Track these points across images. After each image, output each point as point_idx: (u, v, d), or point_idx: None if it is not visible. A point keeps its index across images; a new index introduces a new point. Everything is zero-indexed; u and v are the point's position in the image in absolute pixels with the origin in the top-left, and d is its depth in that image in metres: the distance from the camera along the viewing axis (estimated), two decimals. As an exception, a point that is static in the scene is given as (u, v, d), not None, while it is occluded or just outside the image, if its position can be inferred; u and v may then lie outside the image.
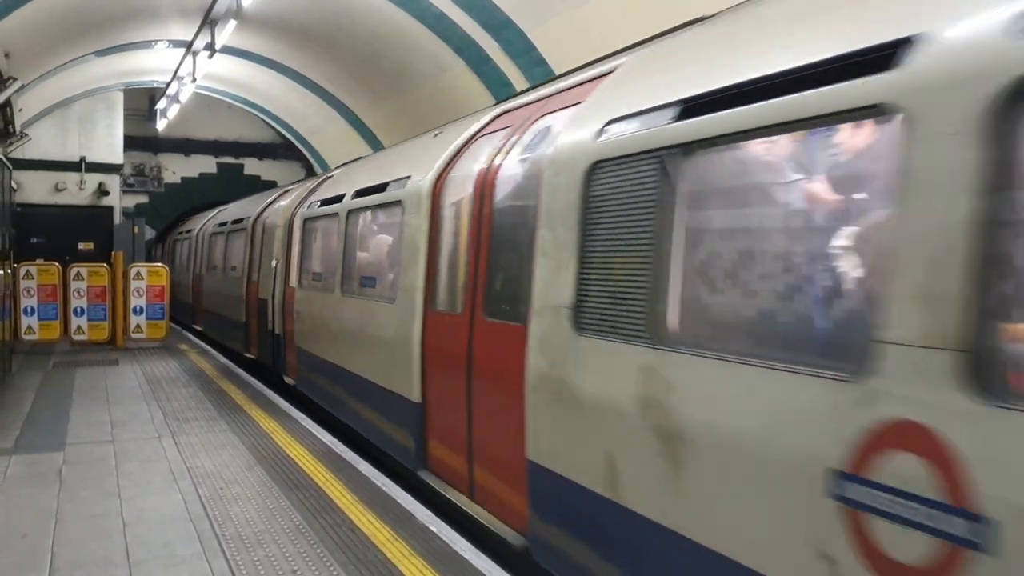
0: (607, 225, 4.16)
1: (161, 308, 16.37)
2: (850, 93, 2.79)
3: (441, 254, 6.65)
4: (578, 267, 4.33)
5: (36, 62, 15.75)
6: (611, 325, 4.04)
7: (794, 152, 3.32)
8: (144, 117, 27.50)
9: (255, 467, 7.44)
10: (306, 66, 18.90)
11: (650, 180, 3.84)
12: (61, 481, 7.03)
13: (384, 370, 7.46)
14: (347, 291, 8.94)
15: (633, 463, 3.82)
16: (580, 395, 4.24)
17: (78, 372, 13.13)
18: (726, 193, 3.79)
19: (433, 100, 15.73)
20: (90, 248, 21.69)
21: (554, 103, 5.58)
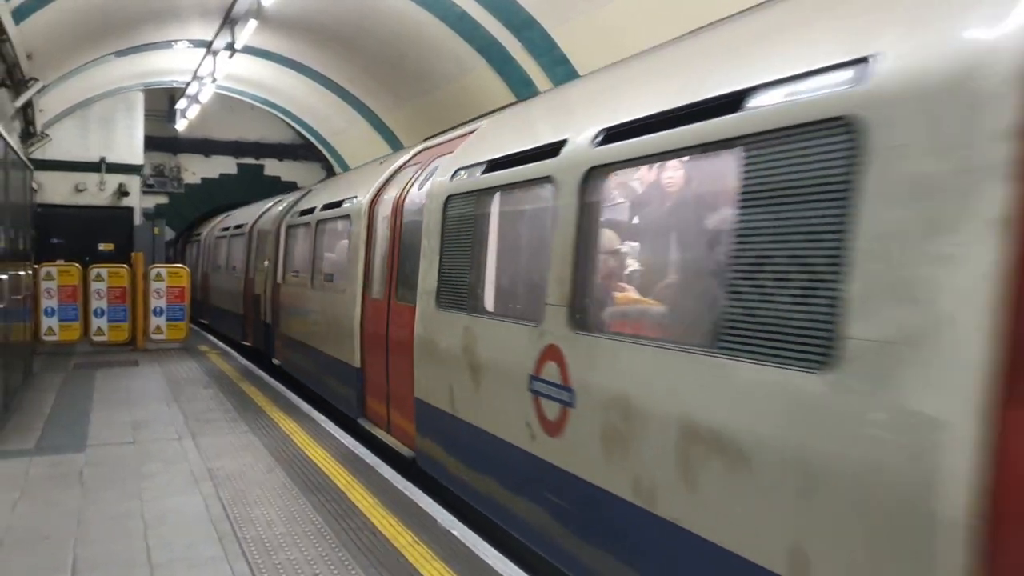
0: (453, 238, 6.72)
1: (181, 309, 16.49)
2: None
3: (374, 255, 9.20)
4: (439, 265, 6.87)
5: (57, 63, 15.92)
6: (453, 301, 6.56)
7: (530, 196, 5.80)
8: (164, 118, 27.70)
9: (276, 469, 7.49)
10: (328, 67, 19.00)
11: (470, 210, 6.46)
12: (83, 482, 7.11)
13: (337, 345, 10.06)
14: (315, 285, 11.55)
15: (459, 388, 6.26)
16: (438, 348, 6.73)
17: (98, 373, 13.27)
18: (503, 220, 6.21)
19: (456, 101, 15.77)
20: (110, 249, 21.83)
21: (445, 148, 7.94)
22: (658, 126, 4.14)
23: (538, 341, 5.00)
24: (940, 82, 2.72)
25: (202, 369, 13.90)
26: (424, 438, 7.15)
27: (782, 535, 3.14)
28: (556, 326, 4.82)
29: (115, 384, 12.23)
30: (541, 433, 5.01)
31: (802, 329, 3.14)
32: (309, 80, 20.54)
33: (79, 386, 12.02)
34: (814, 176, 3.15)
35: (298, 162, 30.00)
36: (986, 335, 2.48)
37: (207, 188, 29.58)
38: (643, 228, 5.09)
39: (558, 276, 4.85)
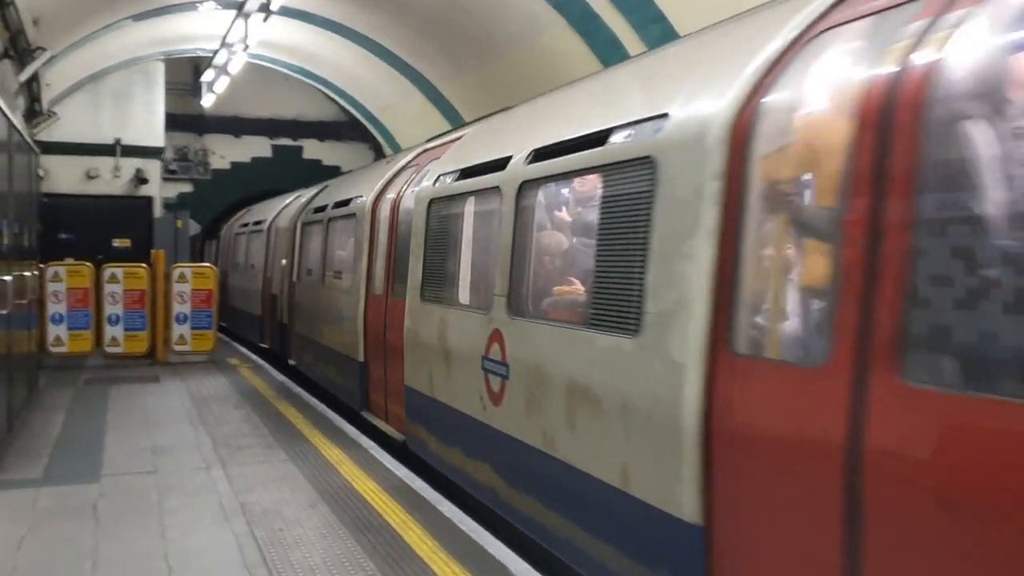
0: (433, 237, 8.76)
1: (208, 316, 16.76)
2: None
3: (376, 253, 11.18)
4: (423, 262, 8.87)
5: (67, 29, 16.29)
6: (432, 295, 8.59)
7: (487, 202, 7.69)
8: (188, 92, 28.19)
9: (319, 504, 7.57)
10: (377, 30, 19.15)
11: (447, 212, 8.60)
12: (97, 517, 7.26)
13: (343, 340, 12.08)
14: (326, 283, 13.65)
15: (436, 372, 8.22)
16: (421, 338, 8.68)
17: (113, 390, 13.59)
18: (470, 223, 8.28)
19: (527, 67, 15.77)
20: (126, 246, 22.18)
21: (439, 152, 10.07)
22: (561, 151, 6.28)
23: (487, 327, 7.03)
24: (689, 138, 4.72)
25: (232, 386, 14.13)
26: (412, 422, 9.22)
27: (617, 457, 5.12)
28: (499, 313, 6.86)
29: (132, 403, 12.51)
30: (489, 404, 7.00)
31: (627, 307, 5.08)
32: (355, 46, 20.72)
33: (91, 405, 12.32)
34: (637, 199, 5.10)
35: (342, 143, 30.32)
36: (706, 308, 4.39)
37: (237, 174, 30.02)
38: (552, 232, 7.24)
39: (501, 271, 6.91)
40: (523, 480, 6.49)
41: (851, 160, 3.76)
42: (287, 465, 8.96)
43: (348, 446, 9.82)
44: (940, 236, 3.39)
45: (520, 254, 6.78)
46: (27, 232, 11.82)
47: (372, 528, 6.94)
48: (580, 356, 5.60)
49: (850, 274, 3.72)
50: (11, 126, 10.08)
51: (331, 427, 10.90)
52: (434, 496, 7.86)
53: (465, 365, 7.44)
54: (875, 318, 3.56)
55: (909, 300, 3.44)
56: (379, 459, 9.21)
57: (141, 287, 16.28)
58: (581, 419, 5.52)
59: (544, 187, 6.92)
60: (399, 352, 9.43)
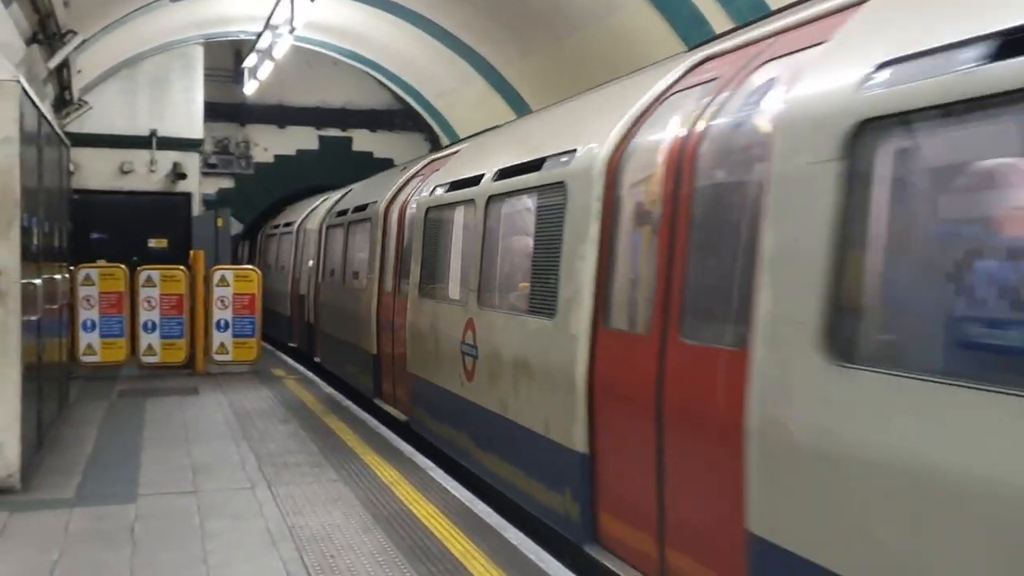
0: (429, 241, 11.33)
1: (251, 323, 16.94)
2: None
3: (387, 255, 13.79)
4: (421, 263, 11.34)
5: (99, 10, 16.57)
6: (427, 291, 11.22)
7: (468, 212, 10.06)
8: (229, 79, 28.48)
9: (373, 529, 7.60)
10: (434, 9, 19.25)
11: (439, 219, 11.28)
12: (134, 541, 7.36)
13: (359, 335, 14.90)
14: (346, 283, 16.52)
15: (430, 358, 10.66)
16: (420, 329, 11.11)
17: (149, 403, 13.79)
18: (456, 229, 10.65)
19: (599, 48, 15.76)
20: (163, 246, 22.49)
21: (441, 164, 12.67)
22: (515, 172, 8.74)
23: (464, 316, 9.53)
24: (584, 169, 7.00)
25: (277, 398, 14.27)
26: (414, 404, 11.78)
27: (543, 411, 7.45)
28: (472, 305, 9.34)
29: (170, 417, 12.69)
30: (465, 381, 9.48)
31: (549, 296, 7.41)
32: (409, 26, 20.84)
33: (126, 419, 12.52)
34: (556, 213, 7.40)
35: (395, 133, 30.42)
36: (590, 295, 6.66)
37: (281, 168, 30.23)
38: (507, 238, 9.38)
39: (474, 270, 9.37)
40: (487, 440, 9.03)
41: (662, 190, 6.11)
42: (338, 485, 9.02)
43: (403, 465, 9.87)
44: (702, 240, 5.76)
45: (488, 255, 9.30)
46: (57, 231, 12.03)
47: (432, 556, 6.95)
48: (521, 336, 8.13)
49: (660, 268, 6.01)
50: (40, 116, 10.27)
51: (384, 444, 10.96)
52: (498, 521, 7.86)
53: (450, 349, 9.95)
54: (670, 299, 5.86)
55: (682, 284, 5.79)
56: (437, 480, 9.24)
57: (179, 291, 16.50)
58: (522, 386, 7.99)
59: (504, 201, 9.19)
60: (404, 343, 12.00)
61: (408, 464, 9.94)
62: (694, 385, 5.51)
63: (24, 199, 8.85)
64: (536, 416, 7.57)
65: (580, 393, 6.69)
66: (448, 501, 8.45)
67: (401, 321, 12.17)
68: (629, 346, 6.38)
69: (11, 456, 8.74)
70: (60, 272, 12.15)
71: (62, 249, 12.68)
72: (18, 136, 8.70)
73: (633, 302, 6.61)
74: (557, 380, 7.10)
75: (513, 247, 9.14)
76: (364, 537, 7.41)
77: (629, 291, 6.66)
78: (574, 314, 6.86)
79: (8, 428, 8.69)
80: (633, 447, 6.17)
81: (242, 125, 29.83)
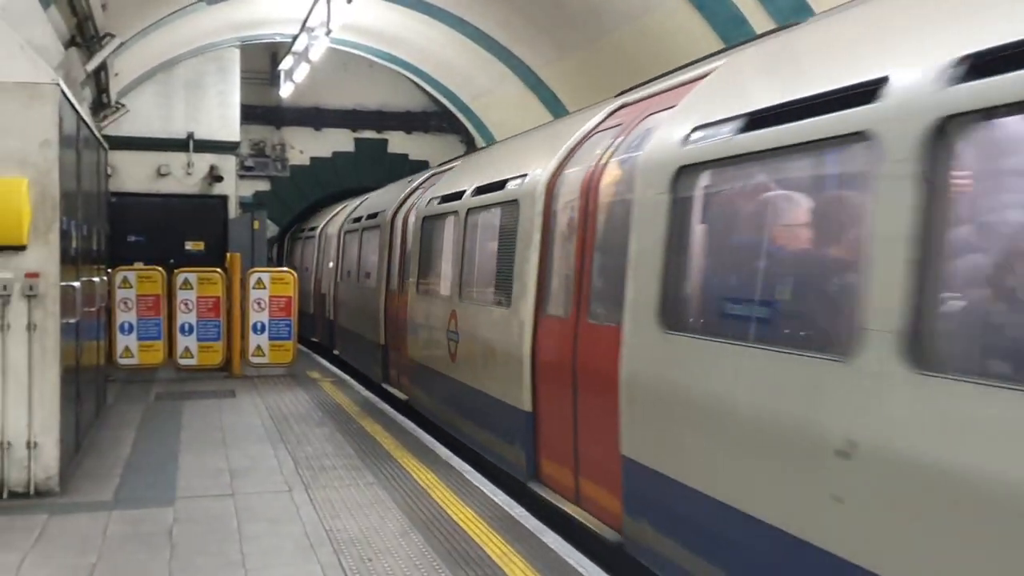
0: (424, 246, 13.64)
1: (287, 325, 17.03)
2: None
3: (394, 257, 15.87)
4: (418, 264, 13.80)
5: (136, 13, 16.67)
6: (423, 288, 13.53)
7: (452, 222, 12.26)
8: (265, 81, 28.65)
9: (411, 533, 7.60)
10: (470, 10, 19.24)
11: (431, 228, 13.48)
12: (172, 545, 7.40)
13: (369, 328, 17.07)
14: (360, 282, 18.90)
15: (425, 344, 12.98)
16: (417, 321, 13.53)
17: (186, 406, 13.89)
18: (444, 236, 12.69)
19: (635, 47, 15.69)
20: (199, 249, 22.61)
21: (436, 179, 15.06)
22: (487, 190, 10.84)
23: (449, 308, 11.65)
24: (531, 190, 9.28)
25: (313, 401, 14.31)
26: (412, 386, 13.97)
27: (502, 381, 9.50)
28: (455, 299, 11.46)
29: (207, 419, 12.78)
30: (450, 362, 11.51)
31: (505, 292, 9.61)
32: (445, 28, 20.85)
33: (163, 422, 12.61)
34: (513, 224, 9.56)
35: (430, 135, 30.47)
36: (534, 289, 8.88)
37: (317, 170, 30.34)
38: (481, 243, 11.21)
39: (455, 270, 11.50)
40: (467, 410, 11.10)
41: (578, 208, 8.28)
42: (375, 489, 9.04)
43: (440, 468, 9.88)
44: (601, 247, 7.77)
45: (468, 257, 11.38)
46: (96, 234, 12.11)
47: (470, 560, 6.94)
48: (487, 323, 10.32)
49: (575, 268, 8.18)
50: (79, 119, 10.34)
51: (421, 447, 10.97)
52: (536, 525, 7.85)
53: (439, 336, 12.03)
54: (581, 291, 7.99)
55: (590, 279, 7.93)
56: (475, 483, 9.24)
57: (216, 294, 16.61)
58: (488, 362, 10.13)
59: (479, 213, 11.24)
60: (406, 334, 14.17)
61: (444, 467, 9.95)
62: (593, 354, 7.63)
63: (63, 202, 8.93)
64: (497, 386, 9.75)
65: (526, 365, 8.90)
66: (485, 504, 8.45)
67: (403, 315, 14.40)
68: (558, 327, 8.45)
69: (50, 459, 8.80)
70: (98, 275, 12.23)
71: (100, 252, 12.77)
72: (57, 139, 8.77)
73: (561, 294, 8.63)
74: (511, 356, 9.26)
75: (484, 250, 11.04)
76: (402, 541, 7.41)
77: (559, 285, 8.71)
78: (523, 304, 9.06)
79: (47, 431, 8.77)
80: (560, 404, 8.27)
81: (278, 127, 29.96)
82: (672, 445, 6.18)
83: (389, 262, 15.99)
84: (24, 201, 8.52)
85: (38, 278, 8.68)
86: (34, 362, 8.71)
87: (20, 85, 8.67)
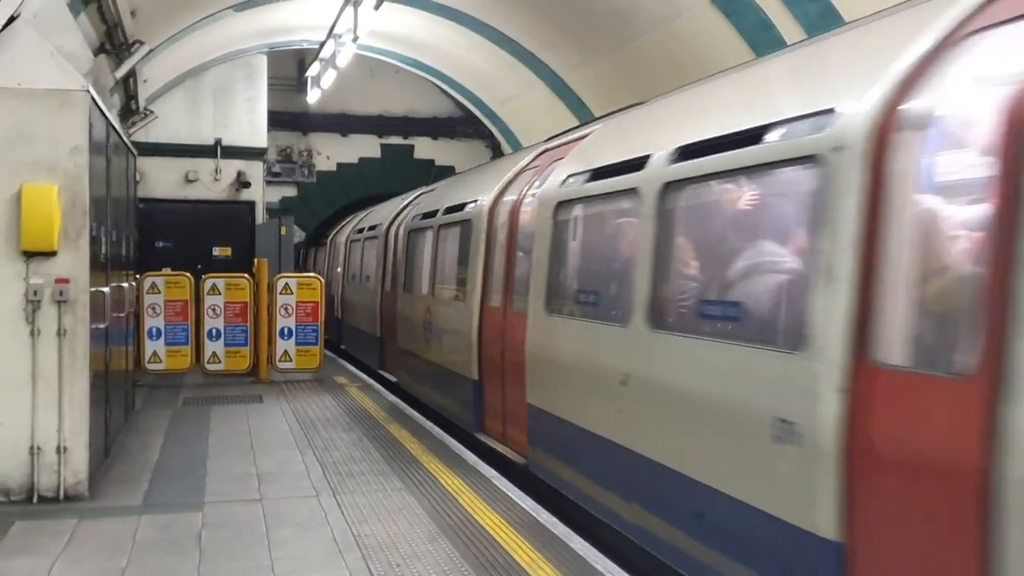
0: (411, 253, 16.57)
1: (314, 331, 17.08)
2: None
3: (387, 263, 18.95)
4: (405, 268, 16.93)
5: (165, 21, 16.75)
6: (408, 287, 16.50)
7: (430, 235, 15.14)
8: (292, 88, 28.81)
9: (439, 538, 7.61)
10: (496, 15, 19.27)
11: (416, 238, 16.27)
12: (201, 549, 7.42)
13: (368, 323, 20.33)
14: (361, 284, 21.94)
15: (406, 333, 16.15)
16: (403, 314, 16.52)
17: (214, 411, 13.96)
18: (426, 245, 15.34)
19: (663, 52, 15.68)
20: (226, 254, 22.70)
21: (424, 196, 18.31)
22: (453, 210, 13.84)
23: (425, 303, 14.63)
24: (478, 212, 12.23)
25: (340, 406, 14.35)
26: (401, 370, 16.67)
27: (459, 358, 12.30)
28: (429, 295, 14.58)
29: (235, 425, 12.83)
30: (426, 346, 14.26)
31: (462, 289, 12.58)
32: (471, 33, 20.88)
33: (191, 427, 12.67)
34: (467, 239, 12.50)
35: (456, 140, 30.60)
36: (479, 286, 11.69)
37: (343, 176, 30.51)
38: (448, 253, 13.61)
39: (430, 272, 14.61)
40: (436, 384, 13.83)
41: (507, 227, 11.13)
42: (402, 494, 9.04)
43: (467, 474, 9.87)
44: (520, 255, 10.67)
45: (439, 263, 14.26)
46: (125, 240, 12.18)
47: (498, 566, 6.94)
48: (449, 313, 13.12)
49: (505, 270, 10.96)
50: (109, 125, 10.40)
51: (448, 453, 10.98)
52: (564, 531, 7.83)
53: (419, 327, 14.80)
54: (507, 287, 10.80)
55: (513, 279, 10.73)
56: (502, 489, 9.22)
57: (243, 299, 16.70)
58: (450, 345, 12.80)
59: (449, 229, 13.86)
60: (395, 326, 17.04)
61: (472, 473, 9.94)
62: (514, 333, 10.16)
63: (92, 208, 8.98)
64: (456, 362, 12.44)
65: (474, 344, 11.60)
66: (513, 510, 8.43)
67: (393, 311, 17.32)
68: (493, 315, 11.20)
69: (79, 463, 8.86)
70: (127, 280, 12.30)
71: (129, 257, 12.84)
72: (87, 146, 8.83)
73: (496, 289, 11.24)
74: (465, 338, 11.89)
75: (450, 257, 13.69)
76: (430, 546, 7.41)
77: (496, 284, 11.28)
78: (472, 298, 11.75)
79: (76, 435, 8.82)
80: (495, 372, 11.02)
81: (305, 133, 30.17)
82: (549, 390, 9.18)
83: (384, 267, 19.05)
84: (54, 207, 8.59)
85: (68, 284, 8.73)
86: (64, 367, 8.76)
87: (50, 92, 8.74)
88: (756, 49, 13.22)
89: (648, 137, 8.14)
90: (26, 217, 8.54)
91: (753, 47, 13.30)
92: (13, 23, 8.61)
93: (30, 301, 8.66)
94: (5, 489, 8.69)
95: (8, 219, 8.61)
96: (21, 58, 8.71)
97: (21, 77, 8.70)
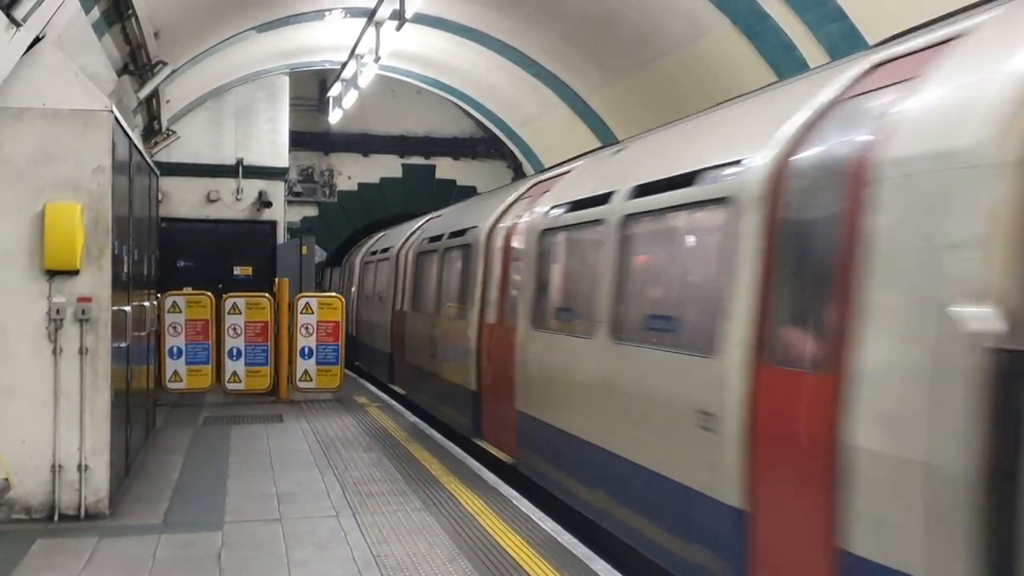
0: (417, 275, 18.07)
1: (335, 350, 17.12)
2: None
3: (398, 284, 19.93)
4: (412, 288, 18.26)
5: (188, 42, 16.88)
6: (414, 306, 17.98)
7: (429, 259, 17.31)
8: (313, 108, 28.92)
9: (459, 559, 7.59)
10: (518, 36, 19.33)
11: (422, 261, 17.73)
12: (221, 568, 7.44)
13: (380, 340, 21.45)
14: (373, 303, 23.06)
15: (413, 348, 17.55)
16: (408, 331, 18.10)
17: (234, 430, 13.98)
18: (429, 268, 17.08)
19: (684, 73, 15.71)
20: (247, 274, 22.81)
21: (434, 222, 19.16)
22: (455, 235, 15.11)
23: (432, 320, 15.91)
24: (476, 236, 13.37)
25: (360, 426, 14.35)
26: (410, 383, 17.91)
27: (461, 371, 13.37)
28: (435, 314, 15.72)
29: (255, 444, 12.85)
30: (432, 361, 15.55)
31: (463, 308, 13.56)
32: (493, 54, 20.96)
33: (211, 446, 12.70)
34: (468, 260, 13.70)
35: (478, 161, 30.62)
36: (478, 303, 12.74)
37: (364, 196, 30.56)
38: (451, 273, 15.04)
39: (436, 292, 15.94)
40: (440, 395, 14.96)
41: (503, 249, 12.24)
42: (422, 514, 9.04)
43: (488, 495, 9.85)
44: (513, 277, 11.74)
45: (444, 285, 15.27)
46: (146, 259, 12.23)
47: (518, 587, 6.92)
48: (452, 330, 14.06)
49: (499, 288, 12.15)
50: (131, 145, 10.47)
51: (469, 473, 10.96)
52: (585, 552, 7.81)
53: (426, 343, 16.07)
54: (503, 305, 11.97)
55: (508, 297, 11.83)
56: (523, 510, 9.20)
57: (264, 319, 16.73)
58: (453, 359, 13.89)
59: (452, 251, 15.09)
60: (404, 343, 18.19)
61: (493, 493, 9.92)
62: (506, 347, 11.22)
63: (115, 227, 9.03)
64: (458, 375, 13.49)
65: (473, 358, 12.64)
66: (534, 531, 8.42)
67: (403, 328, 18.59)
68: (490, 331, 12.20)
69: (100, 482, 8.88)
70: (148, 299, 12.35)
71: (150, 277, 12.89)
72: (110, 165, 8.88)
73: (493, 308, 12.25)
74: (466, 353, 12.97)
75: (453, 278, 14.86)
76: (450, 567, 7.40)
77: (493, 302, 12.29)
78: (472, 316, 12.82)
79: (97, 454, 8.85)
80: (493, 385, 11.90)
81: (326, 154, 30.25)
82: (533, 397, 10.29)
83: (395, 287, 20.00)
84: (77, 226, 8.63)
85: (90, 302, 8.78)
86: (85, 386, 8.80)
87: (74, 112, 8.80)
88: (778, 71, 13.23)
89: (616, 175, 9.19)
90: (49, 236, 8.59)
91: (775, 69, 13.30)
92: (38, 44, 8.69)
93: (52, 320, 8.70)
94: (27, 507, 8.71)
95: (32, 238, 8.66)
96: (46, 78, 8.78)
97: (46, 97, 8.77)
